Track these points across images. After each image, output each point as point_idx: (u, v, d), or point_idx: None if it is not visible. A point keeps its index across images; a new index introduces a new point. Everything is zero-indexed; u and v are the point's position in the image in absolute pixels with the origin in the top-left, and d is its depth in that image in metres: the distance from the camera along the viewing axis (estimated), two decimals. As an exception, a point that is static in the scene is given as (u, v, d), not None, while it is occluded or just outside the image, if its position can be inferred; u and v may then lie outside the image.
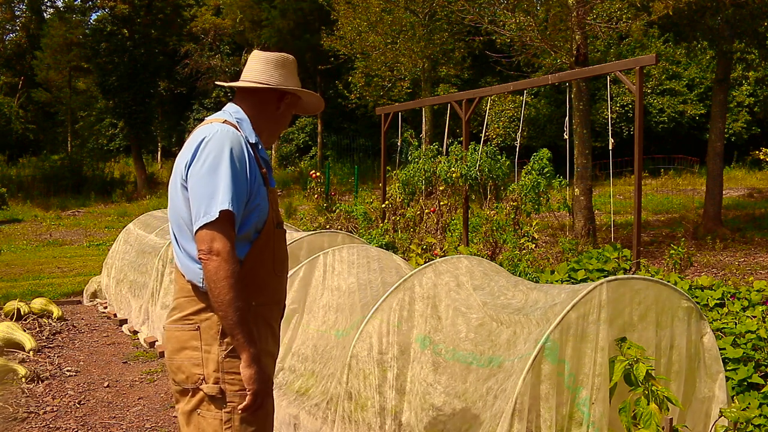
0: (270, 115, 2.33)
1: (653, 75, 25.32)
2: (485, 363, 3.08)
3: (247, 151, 2.14)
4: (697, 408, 3.17)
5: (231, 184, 2.04)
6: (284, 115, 2.36)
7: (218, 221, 2.01)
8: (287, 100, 2.34)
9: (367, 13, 18.23)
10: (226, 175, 2.04)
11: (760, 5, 11.24)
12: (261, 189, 2.17)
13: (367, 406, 3.45)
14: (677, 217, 15.15)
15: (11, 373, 5.07)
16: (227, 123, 2.17)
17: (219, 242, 2.00)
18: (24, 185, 25.05)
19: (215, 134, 2.11)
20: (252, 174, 2.13)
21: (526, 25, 11.54)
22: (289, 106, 2.36)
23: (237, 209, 2.04)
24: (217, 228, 2.01)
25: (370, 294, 4.02)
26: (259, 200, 2.15)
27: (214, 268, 2.00)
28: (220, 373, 2.10)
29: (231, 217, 2.03)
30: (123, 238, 7.84)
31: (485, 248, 7.53)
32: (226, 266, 2.00)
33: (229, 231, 2.03)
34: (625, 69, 6.56)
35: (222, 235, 2.01)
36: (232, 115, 2.24)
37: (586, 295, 2.83)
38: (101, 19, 27.44)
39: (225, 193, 2.02)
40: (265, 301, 2.21)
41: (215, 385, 2.10)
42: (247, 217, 2.13)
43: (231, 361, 2.10)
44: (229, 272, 2.00)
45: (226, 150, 2.07)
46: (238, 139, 2.13)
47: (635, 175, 6.16)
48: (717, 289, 4.88)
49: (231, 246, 2.02)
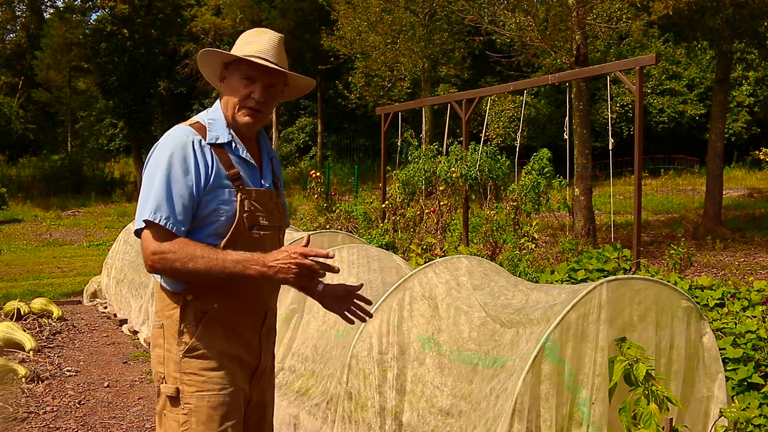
0: (226, 94, 2.16)
1: (653, 75, 25.33)
2: (490, 363, 3.08)
3: (202, 155, 2.04)
4: (695, 408, 3.17)
5: (163, 192, 1.98)
6: (232, 86, 2.13)
7: (146, 229, 2.00)
8: (228, 68, 2.15)
9: (367, 13, 18.24)
10: (160, 183, 1.99)
11: (760, 5, 11.24)
12: (221, 192, 2.05)
13: (367, 406, 3.45)
14: (677, 217, 15.15)
15: (11, 373, 5.07)
16: (193, 126, 2.09)
17: (149, 247, 1.99)
18: (24, 185, 25.06)
19: (163, 140, 2.07)
20: (205, 178, 2.03)
21: (526, 25, 11.55)
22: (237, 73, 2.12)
23: (168, 217, 1.98)
24: (146, 235, 2.00)
25: (370, 294, 4.01)
26: (217, 205, 2.05)
27: (161, 267, 1.99)
28: (178, 373, 2.06)
29: (156, 226, 1.98)
30: (123, 238, 7.84)
31: (485, 248, 7.53)
32: (169, 259, 1.97)
33: (158, 236, 1.98)
34: (625, 69, 6.56)
35: (149, 240, 1.99)
36: (207, 114, 2.16)
37: (586, 295, 2.83)
38: (101, 19, 27.45)
39: (153, 201, 1.98)
40: (233, 307, 2.10)
41: (172, 386, 2.06)
42: (203, 222, 2.05)
43: (188, 361, 2.05)
44: (174, 260, 1.96)
45: (165, 157, 2.01)
46: (184, 144, 2.03)
47: (635, 175, 6.16)
48: (717, 289, 4.88)
49: (161, 245, 1.97)
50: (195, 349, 2.06)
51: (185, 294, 2.06)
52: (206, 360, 2.06)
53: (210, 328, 2.07)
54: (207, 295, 2.07)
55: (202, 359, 2.06)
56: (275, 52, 2.14)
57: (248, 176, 2.14)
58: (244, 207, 2.08)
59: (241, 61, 2.11)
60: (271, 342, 2.27)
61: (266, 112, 2.16)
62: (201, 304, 2.07)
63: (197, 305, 2.06)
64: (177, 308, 2.07)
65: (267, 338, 2.23)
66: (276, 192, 2.25)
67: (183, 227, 2.01)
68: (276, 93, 2.18)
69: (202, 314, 2.07)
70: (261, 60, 2.09)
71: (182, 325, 2.06)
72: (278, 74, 2.15)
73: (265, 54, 2.11)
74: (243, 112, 2.12)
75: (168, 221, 1.98)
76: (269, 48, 2.13)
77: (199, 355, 2.06)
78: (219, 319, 2.08)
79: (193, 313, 2.06)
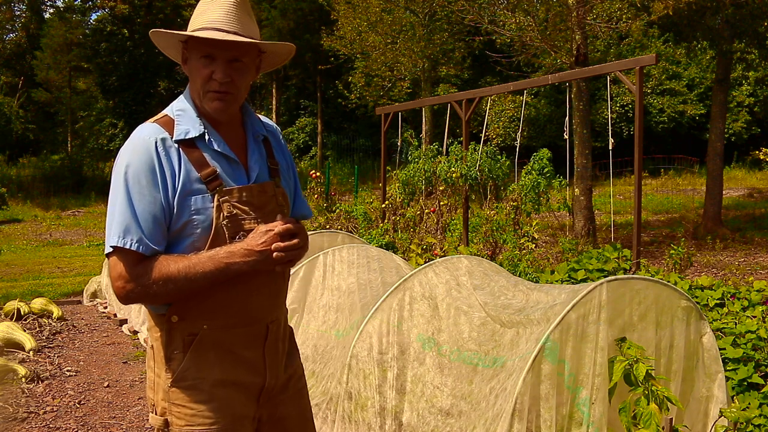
0: (190, 78, 1.86)
1: (653, 75, 25.33)
2: (490, 363, 3.08)
3: (167, 157, 1.75)
4: (695, 408, 3.17)
5: (127, 212, 1.72)
6: (193, 68, 1.82)
7: (113, 256, 1.74)
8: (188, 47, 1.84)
9: (367, 13, 18.24)
10: (122, 201, 1.73)
11: (760, 5, 11.24)
12: (193, 200, 1.76)
13: (367, 406, 3.45)
14: (677, 217, 15.15)
15: (11, 373, 5.07)
16: (159, 122, 1.81)
17: (119, 276, 1.73)
18: (24, 185, 25.05)
19: (123, 147, 1.80)
20: (173, 186, 1.74)
21: (526, 25, 11.56)
22: (194, 52, 1.82)
23: (138, 239, 1.71)
24: (113, 263, 1.74)
25: (370, 294, 4.02)
26: (189, 216, 1.76)
27: (136, 297, 1.75)
28: (167, 402, 1.82)
29: (125, 251, 1.72)
30: (123, 238, 7.83)
31: (485, 248, 7.53)
32: (144, 285, 1.72)
33: (129, 262, 1.73)
34: (625, 69, 6.55)
35: (119, 268, 1.73)
36: (174, 105, 1.86)
37: (586, 296, 2.84)
38: (101, 19, 27.52)
39: (118, 224, 1.72)
40: (222, 324, 1.82)
41: (161, 417, 1.83)
42: (178, 237, 1.78)
43: (177, 392, 1.80)
44: (150, 285, 1.72)
45: (123, 168, 1.74)
46: (145, 148, 1.74)
47: (635, 175, 6.16)
48: (717, 289, 4.88)
49: (132, 271, 1.72)
50: (183, 379, 1.80)
51: (169, 316, 1.80)
52: (196, 391, 1.80)
53: (200, 354, 1.81)
54: (194, 315, 1.80)
55: (191, 390, 1.80)
56: (232, 18, 1.79)
57: (229, 173, 1.82)
58: (223, 212, 1.78)
59: (195, 38, 1.79)
60: (279, 357, 1.96)
61: (237, 92, 1.82)
62: (188, 325, 1.80)
63: (184, 327, 1.80)
64: (163, 331, 1.81)
65: (273, 354, 1.93)
66: (274, 182, 1.92)
67: (158, 247, 1.74)
68: (244, 67, 1.82)
69: (191, 337, 1.80)
70: (213, 33, 1.75)
71: (169, 351, 1.81)
72: (241, 46, 1.79)
73: (219, 23, 1.77)
74: (209, 97, 1.80)
75: (140, 244, 1.71)
76: (223, 14, 1.78)
77: (188, 386, 1.80)
78: (210, 342, 1.81)
79: (181, 336, 1.80)
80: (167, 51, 1.92)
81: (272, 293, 1.92)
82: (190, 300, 1.78)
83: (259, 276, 1.83)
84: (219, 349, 1.83)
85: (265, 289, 1.88)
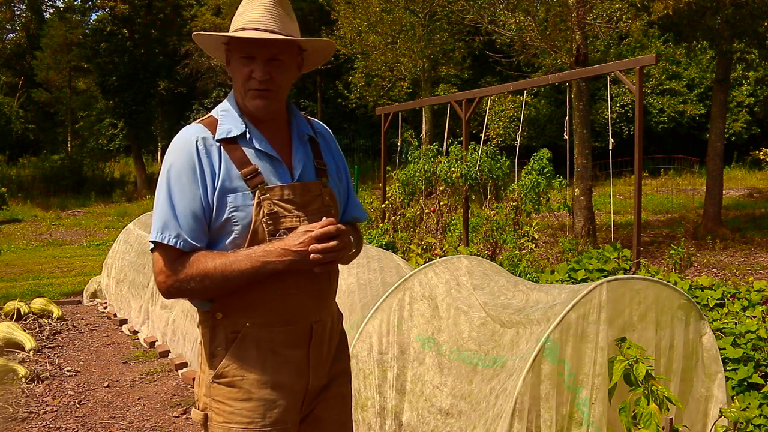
0: (233, 79, 1.90)
1: (653, 75, 25.35)
2: (490, 363, 3.08)
3: (207, 156, 1.79)
4: (694, 408, 3.17)
5: (167, 208, 1.77)
6: (235, 68, 1.87)
7: (155, 251, 1.79)
8: (229, 48, 1.90)
9: (367, 13, 18.25)
10: (164, 198, 1.78)
11: (760, 5, 11.24)
12: (233, 197, 1.79)
13: (367, 406, 3.45)
14: (677, 217, 15.15)
15: (11, 373, 5.08)
16: (203, 122, 1.86)
17: (159, 271, 1.79)
18: (24, 185, 25.06)
19: (169, 148, 1.85)
20: (212, 183, 1.79)
21: (526, 25, 11.56)
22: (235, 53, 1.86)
23: (177, 235, 1.76)
24: (155, 258, 1.79)
25: (370, 294, 4.02)
26: (230, 213, 1.79)
27: (176, 291, 1.79)
28: (208, 398, 1.86)
29: (165, 247, 1.77)
30: (123, 238, 7.84)
31: (485, 248, 7.53)
32: (181, 280, 1.76)
33: (168, 258, 1.78)
34: (625, 69, 6.56)
35: (159, 263, 1.78)
36: (219, 107, 1.92)
37: (586, 296, 2.84)
38: (101, 19, 27.46)
39: (158, 220, 1.78)
40: (263, 322, 1.83)
41: (201, 412, 1.88)
42: (218, 235, 1.81)
43: (217, 388, 1.84)
44: (188, 280, 1.76)
45: (166, 166, 1.80)
46: (187, 148, 1.79)
47: (635, 175, 6.16)
48: (717, 289, 4.89)
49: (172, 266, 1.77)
50: (224, 376, 1.83)
51: (213, 312, 1.84)
52: (235, 389, 1.83)
53: (242, 352, 1.83)
54: (237, 313, 1.83)
55: (230, 387, 1.83)
56: (270, 17, 1.82)
57: (271, 171, 1.85)
58: (263, 210, 1.80)
59: (234, 38, 1.84)
60: (324, 359, 1.95)
61: (278, 89, 1.85)
62: (231, 323, 1.83)
63: (227, 325, 1.83)
64: (208, 328, 1.86)
65: (317, 355, 1.93)
66: (320, 182, 1.94)
67: (198, 243, 1.78)
68: (284, 65, 1.85)
69: (234, 335, 1.83)
70: (249, 32, 1.79)
71: (213, 347, 1.85)
72: (278, 44, 1.82)
73: (256, 23, 1.81)
74: (250, 95, 1.84)
75: (178, 240, 1.76)
76: (261, 14, 1.82)
77: (227, 383, 1.83)
78: (252, 340, 1.83)
79: (224, 333, 1.83)
80: (213, 53, 1.97)
81: (315, 294, 1.91)
82: (233, 297, 1.81)
83: (298, 275, 1.84)
84: (261, 349, 1.84)
85: (306, 289, 1.88)
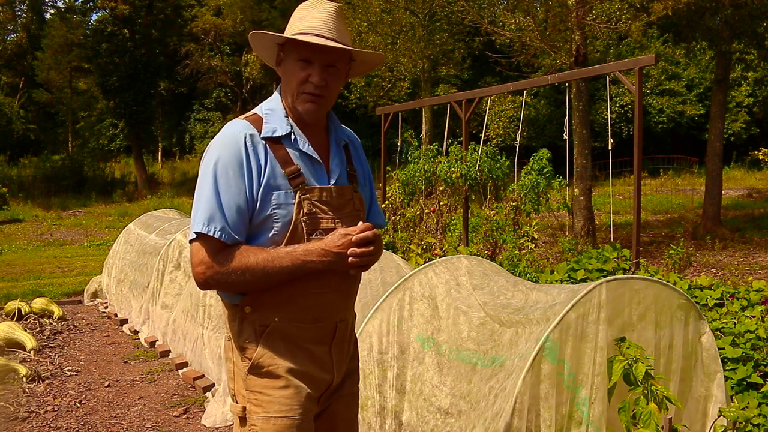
0: (283, 79, 1.94)
1: (652, 75, 25.37)
2: (489, 363, 3.09)
3: (254, 152, 1.83)
4: (693, 407, 3.18)
5: (214, 200, 1.79)
6: (289, 70, 1.91)
7: (196, 242, 1.81)
8: (284, 50, 1.94)
9: (367, 14, 18.26)
10: (209, 190, 1.80)
11: (759, 6, 11.26)
12: (276, 195, 1.83)
13: (367, 406, 3.46)
14: (676, 217, 15.17)
15: (12, 373, 5.09)
16: (248, 119, 1.90)
17: (200, 261, 1.80)
18: (25, 185, 25.07)
19: (215, 139, 1.88)
20: (258, 180, 1.82)
21: (525, 26, 11.58)
22: (292, 55, 1.90)
23: (222, 228, 1.79)
24: (196, 248, 1.81)
25: (369, 294, 4.03)
26: (271, 210, 1.83)
27: (215, 283, 1.82)
28: (245, 390, 1.90)
29: (208, 238, 1.79)
30: (123, 238, 7.85)
31: (485, 248, 7.54)
32: (222, 273, 1.79)
33: (211, 249, 1.80)
34: (625, 69, 6.56)
35: (201, 254, 1.80)
36: (265, 104, 1.95)
37: (586, 295, 2.85)
38: (102, 19, 27.47)
39: (204, 211, 1.79)
40: (292, 317, 1.89)
41: (240, 405, 1.91)
42: (258, 230, 1.85)
43: (254, 379, 1.88)
44: (229, 273, 1.79)
45: (213, 158, 1.82)
46: (235, 142, 1.82)
47: (635, 175, 6.17)
48: (716, 289, 4.90)
49: (215, 258, 1.79)
50: (259, 366, 1.87)
51: (243, 306, 1.87)
52: (272, 378, 1.87)
53: (271, 344, 1.88)
54: (266, 307, 1.87)
55: (267, 377, 1.87)
56: (332, 26, 1.88)
57: (311, 172, 1.90)
58: (303, 209, 1.85)
59: (293, 41, 1.87)
60: (344, 357, 2.02)
61: (329, 96, 1.91)
62: (260, 317, 1.87)
63: (256, 318, 1.87)
64: (236, 321, 1.90)
65: (339, 352, 1.99)
66: (352, 186, 2.00)
67: (240, 237, 1.82)
68: (338, 72, 1.92)
69: (262, 328, 1.87)
70: (314, 38, 1.84)
71: (241, 340, 1.89)
72: (337, 52, 1.89)
73: (318, 29, 1.86)
74: (302, 98, 1.88)
75: (223, 233, 1.78)
76: (323, 22, 1.87)
77: (264, 373, 1.87)
78: (280, 334, 1.88)
79: (252, 327, 1.88)
80: (262, 53, 2.01)
81: (343, 294, 1.98)
82: (264, 292, 1.85)
83: (332, 275, 1.89)
84: (288, 342, 1.89)
85: (336, 289, 1.94)
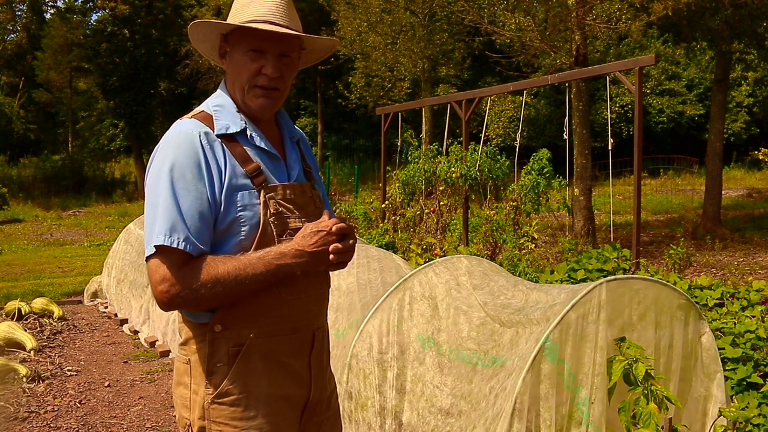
0: (230, 72, 1.76)
1: (652, 75, 25.37)
2: (489, 363, 3.09)
3: (211, 151, 1.65)
4: (693, 407, 3.18)
5: (173, 208, 1.59)
6: (237, 62, 1.72)
7: (156, 257, 1.60)
8: (229, 40, 1.75)
9: (367, 14, 18.26)
10: (167, 197, 1.60)
11: (759, 6, 11.26)
12: (239, 196, 1.66)
13: (367, 406, 3.46)
14: (676, 217, 15.17)
15: (12, 373, 5.09)
16: (197, 117, 1.71)
17: (163, 279, 1.59)
18: (25, 185, 25.07)
19: (164, 141, 1.68)
20: (219, 181, 1.64)
21: (525, 26, 11.58)
22: (241, 46, 1.71)
23: (185, 237, 1.59)
24: (155, 265, 1.60)
25: (369, 294, 4.03)
26: (236, 212, 1.66)
27: (181, 302, 1.61)
28: (205, 421, 1.68)
29: (171, 251, 1.59)
30: (123, 238, 7.85)
31: (485, 248, 7.54)
32: (192, 289, 1.59)
33: (174, 263, 1.60)
34: (625, 69, 6.57)
35: (161, 270, 1.59)
36: (211, 101, 1.77)
37: (586, 295, 2.85)
38: (102, 19, 27.47)
39: (164, 221, 1.59)
40: (269, 331, 1.70)
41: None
42: (223, 236, 1.67)
43: (218, 408, 1.67)
44: (198, 288, 1.59)
45: (168, 162, 1.62)
46: (189, 141, 1.64)
47: (635, 175, 6.17)
48: (716, 289, 4.90)
49: (178, 275, 1.59)
50: (227, 394, 1.67)
51: (212, 325, 1.66)
52: (240, 407, 1.68)
53: (248, 366, 1.68)
54: (239, 323, 1.67)
55: (235, 406, 1.67)
56: (283, 11, 1.71)
57: (271, 170, 1.74)
58: (269, 209, 1.69)
59: (242, 30, 1.69)
60: (324, 368, 1.86)
61: (284, 88, 1.75)
62: (233, 335, 1.67)
63: (229, 337, 1.67)
64: (204, 342, 1.68)
65: (318, 364, 1.83)
66: (310, 183, 1.86)
67: (205, 246, 1.63)
68: (292, 63, 1.75)
69: (237, 348, 1.67)
70: (267, 25, 1.67)
71: (211, 364, 1.67)
72: (292, 40, 1.72)
73: (270, 16, 1.68)
74: (255, 93, 1.71)
75: (187, 243, 1.59)
76: (273, 7, 1.70)
77: (232, 402, 1.67)
78: (258, 351, 1.69)
79: (226, 347, 1.67)
80: (201, 44, 1.81)
81: (318, 298, 1.82)
82: (235, 306, 1.66)
83: (306, 279, 1.74)
84: (267, 360, 1.71)
85: (312, 293, 1.79)
